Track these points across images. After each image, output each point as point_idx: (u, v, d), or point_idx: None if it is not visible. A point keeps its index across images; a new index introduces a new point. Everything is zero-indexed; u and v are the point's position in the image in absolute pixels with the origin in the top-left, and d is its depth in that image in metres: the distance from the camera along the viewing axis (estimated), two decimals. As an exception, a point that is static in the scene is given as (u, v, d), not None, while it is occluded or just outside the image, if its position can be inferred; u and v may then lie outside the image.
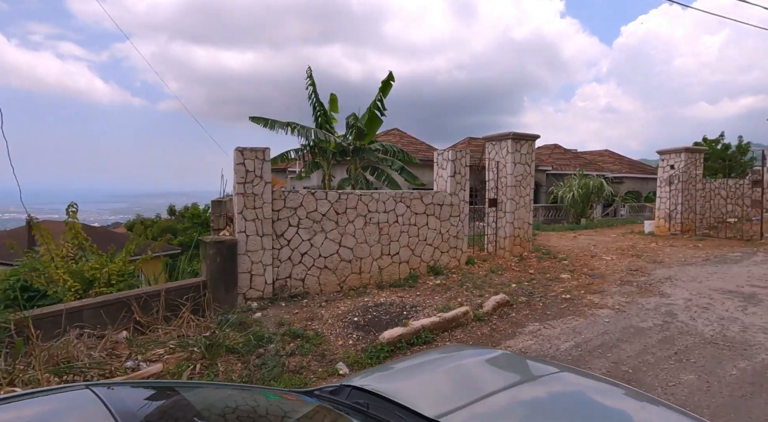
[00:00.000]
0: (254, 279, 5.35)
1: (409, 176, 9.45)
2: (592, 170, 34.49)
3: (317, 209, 5.68)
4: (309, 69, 8.90)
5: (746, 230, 8.58)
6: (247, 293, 5.31)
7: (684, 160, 9.85)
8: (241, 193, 5.25)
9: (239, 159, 5.23)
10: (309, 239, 5.65)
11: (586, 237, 10.19)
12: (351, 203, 5.89)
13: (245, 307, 5.15)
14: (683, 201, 9.91)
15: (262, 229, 5.35)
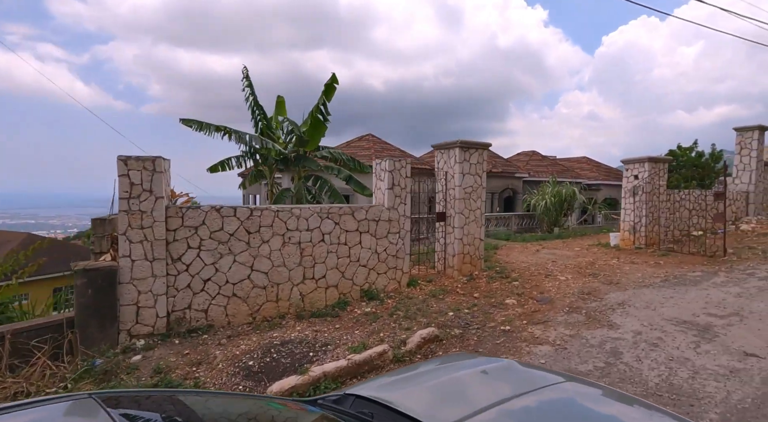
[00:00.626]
0: (142, 312, 4.53)
1: (358, 186, 8.76)
2: (569, 178, 34.59)
3: (223, 228, 4.91)
4: (245, 69, 8.15)
5: (710, 244, 8.19)
6: (132, 329, 4.49)
7: (648, 170, 9.46)
8: (125, 210, 4.45)
9: (122, 170, 4.44)
10: (213, 263, 4.87)
11: (549, 251, 9.67)
12: (266, 221, 5.14)
13: (128, 346, 4.33)
14: (647, 213, 9.52)
15: (153, 252, 4.55)
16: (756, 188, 10.79)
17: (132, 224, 4.46)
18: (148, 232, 4.52)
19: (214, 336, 4.65)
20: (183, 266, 4.73)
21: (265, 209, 5.15)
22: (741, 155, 11.00)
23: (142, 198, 4.49)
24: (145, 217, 4.50)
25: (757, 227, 9.70)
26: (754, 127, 10.70)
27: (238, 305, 5.00)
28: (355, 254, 5.82)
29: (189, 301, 4.77)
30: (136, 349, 4.30)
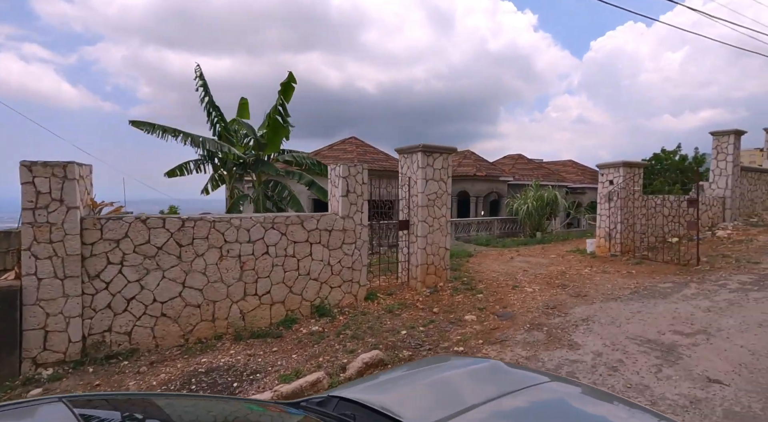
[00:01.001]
0: (51, 337, 4.04)
1: (320, 191, 8.35)
2: (554, 181, 34.60)
3: (150, 241, 4.44)
4: (198, 67, 7.69)
5: (684, 252, 7.96)
6: (39, 357, 3.99)
7: (622, 175, 9.24)
8: (29, 222, 3.96)
9: (26, 177, 3.95)
10: (138, 280, 4.40)
11: (524, 258, 9.36)
12: (200, 233, 4.69)
13: (30, 377, 3.83)
14: (622, 220, 9.29)
15: (64, 269, 4.06)
16: (732, 194, 10.65)
17: (38, 237, 3.97)
18: (58, 246, 4.04)
19: (136, 362, 4.17)
20: (102, 283, 4.26)
21: (200, 220, 4.70)
22: (717, 159, 10.87)
23: (50, 208, 4.01)
24: (55, 230, 4.02)
25: (733, 234, 9.54)
26: (729, 131, 10.59)
27: (168, 326, 4.53)
28: (305, 266, 5.39)
29: (109, 323, 4.29)
30: (41, 380, 3.81)
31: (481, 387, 1.90)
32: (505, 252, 10.98)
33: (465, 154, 30.55)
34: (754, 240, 8.72)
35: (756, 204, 11.58)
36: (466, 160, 29.18)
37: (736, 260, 7.26)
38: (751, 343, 4.03)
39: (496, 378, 2.00)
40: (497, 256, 10.07)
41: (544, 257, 9.67)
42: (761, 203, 11.75)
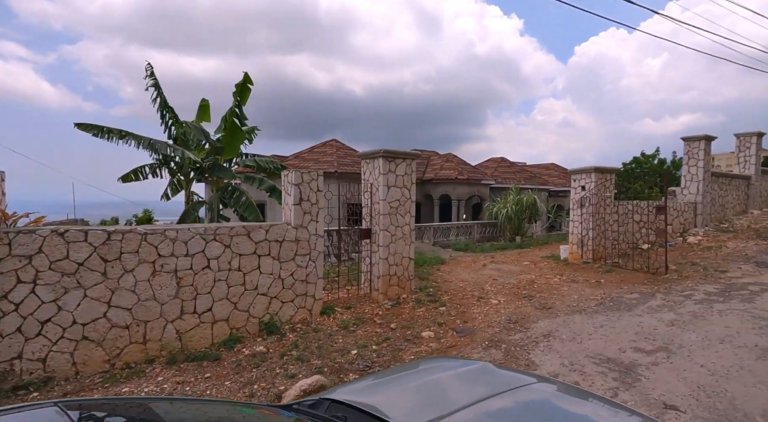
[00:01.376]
0: (-53, 367, 3.58)
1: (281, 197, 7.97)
2: (536, 184, 34.87)
3: (69, 257, 4.02)
4: (149, 65, 7.24)
5: (654, 260, 7.86)
6: (-69, 388, 3.53)
7: (594, 181, 9.14)
8: None
9: None
10: (55, 300, 3.96)
11: (496, 266, 9.16)
12: (129, 246, 4.28)
13: None
14: (594, 226, 9.19)
15: (-37, 291, 3.62)
16: (703, 199, 10.69)
17: (-69, 255, 3.52)
18: (-45, 265, 3.59)
19: (48, 392, 3.74)
20: (11, 305, 3.81)
21: (129, 232, 4.29)
22: (689, 165, 10.92)
23: (-54, 222, 3.56)
24: (-48, 246, 3.57)
25: (704, 240, 9.54)
26: (700, 137, 10.64)
27: (91, 351, 4.11)
28: (252, 281, 5.02)
29: (19, 349, 3.85)
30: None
31: (469, 388, 1.95)
32: (480, 258, 10.78)
33: (447, 157, 30.49)
34: (723, 247, 8.70)
35: (727, 209, 11.67)
36: (448, 163, 29.11)
37: (704, 269, 7.18)
38: (711, 362, 3.85)
39: (485, 380, 2.05)
40: (470, 263, 9.85)
41: (518, 264, 9.49)
42: (732, 209, 11.86)
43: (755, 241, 8.88)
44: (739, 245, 8.61)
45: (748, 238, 9.22)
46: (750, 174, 12.31)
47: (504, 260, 10.32)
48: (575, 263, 9.26)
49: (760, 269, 6.90)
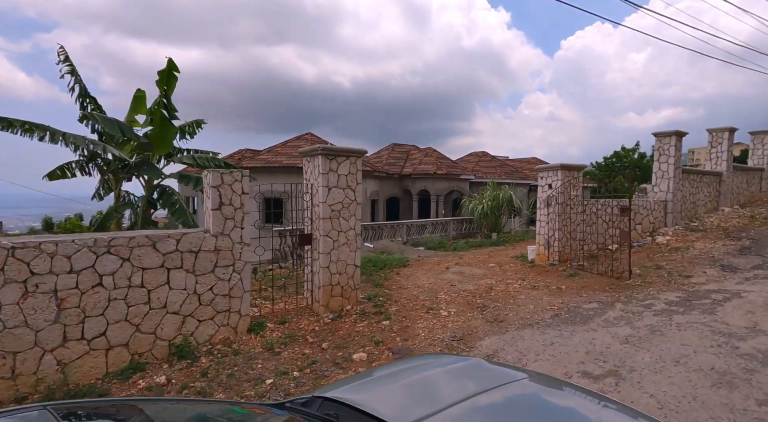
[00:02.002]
0: None
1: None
2: (516, 179, 34.69)
3: None
4: (62, 49, 6.40)
5: (618, 263, 7.49)
6: None
7: (560, 179, 8.73)
8: None
9: None
10: None
11: (460, 268, 8.70)
12: (-8, 264, 3.60)
13: None
14: (560, 226, 8.80)
15: None
16: (674, 197, 10.42)
17: None
18: None
19: None
20: None
21: (-9, 247, 3.61)
22: (660, 161, 10.62)
23: None
24: None
25: (672, 240, 9.26)
26: (670, 132, 10.33)
27: (-58, 389, 3.44)
28: (159, 298, 4.39)
29: None
30: None
31: (461, 384, 1.96)
32: (447, 259, 10.32)
33: (426, 151, 29.98)
34: (691, 248, 8.42)
35: (698, 207, 11.47)
36: (428, 158, 28.60)
37: (668, 274, 6.83)
38: (662, 391, 3.41)
39: (476, 376, 2.06)
40: (435, 265, 9.36)
41: (484, 266, 9.05)
42: (703, 206, 11.67)
43: (723, 241, 8.63)
44: (707, 246, 8.34)
45: (717, 238, 8.97)
46: (721, 171, 12.13)
47: (471, 261, 9.88)
48: (541, 264, 8.87)
49: (725, 273, 6.59)
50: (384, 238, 15.18)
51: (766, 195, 13.89)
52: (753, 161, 14.02)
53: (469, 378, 2.02)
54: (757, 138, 13.90)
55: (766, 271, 6.47)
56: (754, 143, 13.99)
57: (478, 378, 2.00)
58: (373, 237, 14.81)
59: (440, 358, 2.60)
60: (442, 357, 2.65)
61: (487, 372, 2.11)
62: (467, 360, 2.35)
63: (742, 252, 7.65)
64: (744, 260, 7.16)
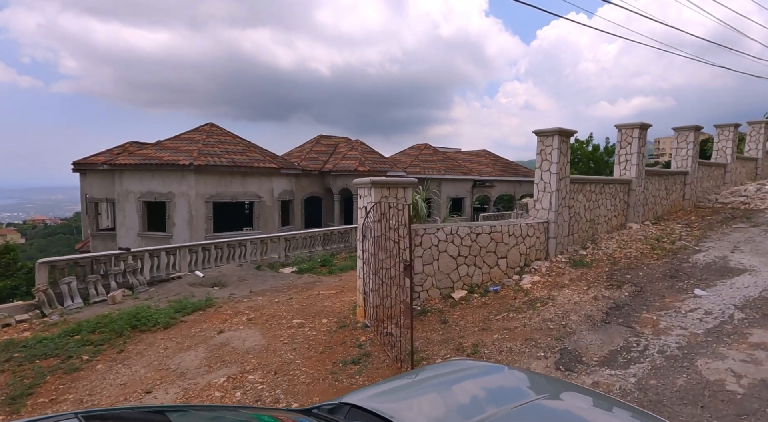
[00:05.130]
0: None
1: None
2: (458, 174, 32.23)
3: None
4: None
5: (452, 328, 4.87)
6: None
7: (373, 198, 6.00)
8: None
9: None
10: None
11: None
12: None
13: None
14: (377, 270, 6.15)
15: None
16: (558, 217, 7.96)
17: None
18: None
19: None
20: None
21: None
22: (541, 168, 8.08)
23: None
24: None
25: (540, 282, 6.75)
26: (552, 130, 7.76)
27: None
28: None
29: None
30: None
31: (494, 395, 1.91)
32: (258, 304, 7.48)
33: (353, 144, 26.96)
34: (556, 299, 5.90)
35: (598, 225, 9.08)
36: (353, 151, 25.62)
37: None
38: None
39: (510, 387, 2.00)
40: (210, 323, 6.48)
41: (286, 323, 6.26)
42: (606, 223, 9.30)
43: (599, 288, 6.15)
44: (574, 298, 5.83)
45: (596, 280, 6.50)
46: (630, 178, 9.78)
47: (283, 309, 7.10)
48: (356, 324, 6.18)
49: (558, 372, 4.02)
50: (237, 259, 12.18)
51: (690, 203, 11.76)
52: (676, 163, 11.81)
53: (504, 388, 1.98)
54: (681, 135, 11.67)
55: (619, 370, 3.93)
56: (677, 142, 11.77)
57: (512, 389, 1.96)
58: (219, 259, 11.80)
59: (471, 365, 2.43)
60: (473, 365, 2.49)
61: (521, 383, 2.05)
62: (499, 369, 2.29)
63: (609, 316, 5.15)
64: (602, 336, 4.64)
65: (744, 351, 4.03)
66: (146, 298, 8.75)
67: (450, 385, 1.98)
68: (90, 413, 1.38)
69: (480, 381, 2.03)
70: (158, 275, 10.39)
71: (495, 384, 2.01)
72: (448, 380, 2.05)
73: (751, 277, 5.94)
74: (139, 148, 21.01)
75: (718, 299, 5.28)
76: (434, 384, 2.01)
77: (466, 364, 2.57)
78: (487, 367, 2.42)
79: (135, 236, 18.99)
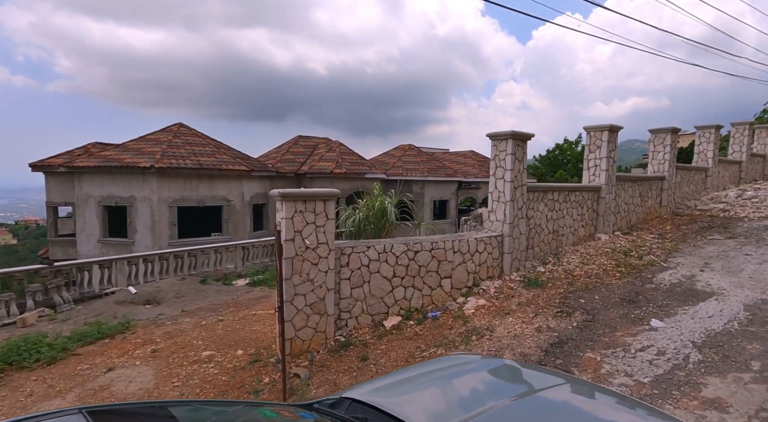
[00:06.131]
0: None
1: None
2: (443, 176, 31.44)
3: None
4: None
5: (366, 367, 4.08)
6: None
7: (285, 214, 5.19)
8: None
9: None
10: None
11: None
12: None
13: None
14: (290, 296, 5.34)
15: None
16: (514, 230, 7.19)
17: None
18: None
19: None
20: None
21: None
22: (495, 176, 7.32)
23: None
24: None
25: (486, 306, 5.98)
26: (506, 134, 7.01)
27: None
28: None
29: None
30: None
31: (494, 388, 1.93)
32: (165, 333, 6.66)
33: (331, 145, 26.10)
34: (495, 330, 5.12)
35: (562, 237, 8.34)
36: (330, 153, 24.78)
37: None
38: None
39: (509, 380, 2.02)
40: (111, 357, 5.65)
41: (182, 361, 5.44)
42: (572, 234, 8.56)
43: (546, 316, 5.38)
44: (516, 329, 5.06)
45: (548, 304, 5.74)
46: (599, 184, 9.05)
47: (201, 336, 6.29)
48: (276, 356, 5.38)
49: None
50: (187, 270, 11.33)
51: (667, 210, 11.05)
52: (653, 167, 11.10)
53: (503, 381, 1.99)
54: (658, 138, 10.96)
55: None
56: (654, 144, 11.05)
57: (512, 382, 1.98)
58: (165, 271, 10.95)
59: (471, 359, 2.47)
60: (473, 358, 2.52)
61: (521, 376, 2.06)
62: (499, 362, 2.29)
63: (547, 356, 4.36)
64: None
65: (694, 411, 3.27)
66: (63, 319, 7.91)
67: (450, 379, 1.99)
68: (94, 408, 1.37)
69: (479, 375, 2.04)
70: (89, 291, 9.53)
71: (494, 377, 2.02)
72: (447, 373, 2.07)
73: (718, 303, 5.21)
74: (102, 149, 20.05)
75: (675, 334, 4.53)
76: (434, 378, 2.01)
77: (465, 358, 2.60)
78: (487, 360, 2.44)
79: (95, 242, 18.08)
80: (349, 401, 1.77)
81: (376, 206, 15.33)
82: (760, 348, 4.09)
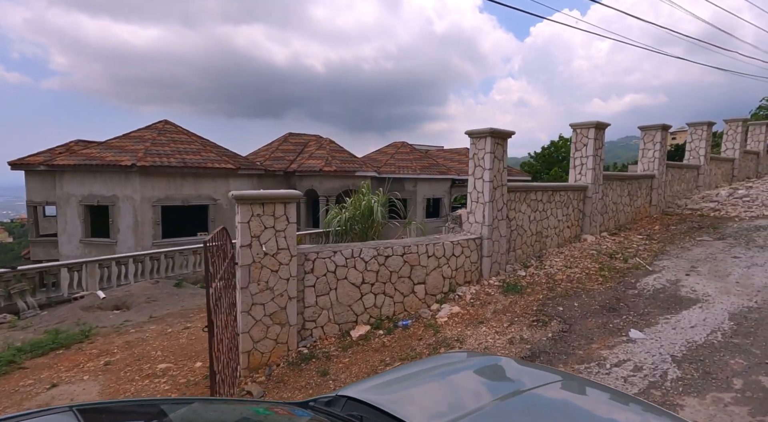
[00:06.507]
0: None
1: None
2: (435, 174, 31.10)
3: None
4: None
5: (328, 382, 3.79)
6: None
7: (240, 216, 4.84)
8: None
9: None
10: None
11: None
12: None
13: None
14: (248, 306, 5.01)
15: None
16: (493, 232, 6.87)
17: None
18: None
19: None
20: None
21: None
22: (474, 175, 7.00)
23: None
24: None
25: (461, 313, 5.67)
26: (484, 131, 6.69)
27: None
28: None
29: None
30: None
31: (491, 386, 1.92)
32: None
33: (322, 143, 25.68)
34: (466, 341, 4.81)
35: (546, 238, 8.03)
36: (320, 150, 24.36)
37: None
38: None
39: (506, 377, 2.02)
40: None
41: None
42: (557, 235, 8.25)
43: (528, 321, 5.08)
44: (488, 341, 4.75)
45: (524, 312, 5.43)
46: (585, 183, 8.74)
47: (162, 346, 5.95)
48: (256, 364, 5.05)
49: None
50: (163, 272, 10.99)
51: (657, 210, 10.76)
52: (642, 165, 10.80)
53: (499, 379, 1.99)
54: (648, 135, 10.65)
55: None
56: (644, 142, 10.74)
57: (509, 379, 1.97)
58: (140, 273, 10.60)
59: (468, 356, 2.48)
60: (470, 356, 2.52)
61: (518, 373, 2.05)
62: (496, 360, 2.28)
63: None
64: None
65: (668, 438, 2.97)
66: (24, 327, 7.55)
67: (446, 376, 1.98)
68: (85, 406, 1.34)
69: (476, 372, 2.03)
70: (58, 296, 9.17)
71: (491, 374, 2.02)
72: (444, 371, 2.06)
73: (702, 311, 4.91)
74: (84, 147, 19.59)
75: (654, 347, 4.23)
76: (431, 376, 2.00)
77: (462, 355, 2.59)
78: (483, 358, 2.43)
79: (77, 243, 17.67)
80: (345, 399, 1.77)
81: (363, 205, 15.02)
82: (743, 363, 3.79)
